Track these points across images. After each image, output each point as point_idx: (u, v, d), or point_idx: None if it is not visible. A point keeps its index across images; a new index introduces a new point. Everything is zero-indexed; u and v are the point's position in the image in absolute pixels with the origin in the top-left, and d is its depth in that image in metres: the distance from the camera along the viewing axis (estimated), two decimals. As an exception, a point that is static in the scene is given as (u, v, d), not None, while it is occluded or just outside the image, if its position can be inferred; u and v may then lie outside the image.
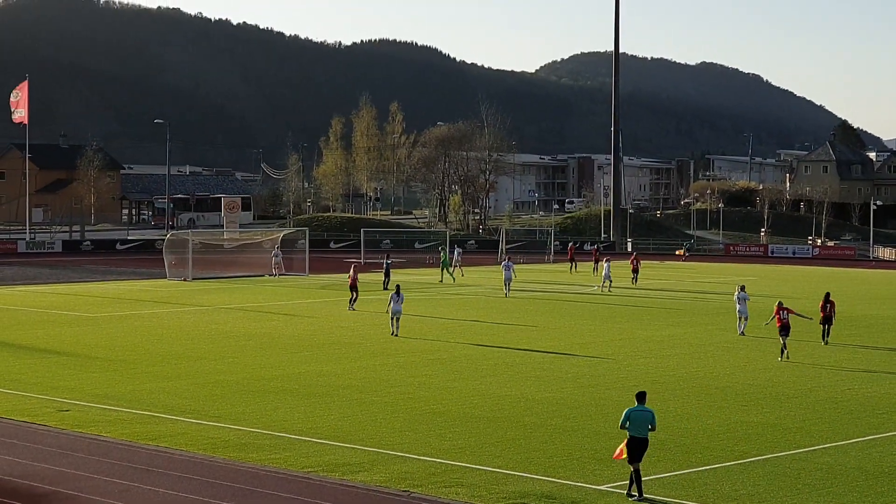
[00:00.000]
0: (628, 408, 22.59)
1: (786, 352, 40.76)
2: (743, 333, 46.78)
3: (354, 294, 57.50)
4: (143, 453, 25.49)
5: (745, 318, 47.20)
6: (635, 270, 75.27)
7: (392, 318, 46.79)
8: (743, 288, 48.22)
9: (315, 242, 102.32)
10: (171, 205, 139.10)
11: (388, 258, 74.24)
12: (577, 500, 21.64)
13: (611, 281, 69.13)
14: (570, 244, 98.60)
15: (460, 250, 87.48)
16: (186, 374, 36.55)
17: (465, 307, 58.90)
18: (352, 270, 59.69)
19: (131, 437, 26.99)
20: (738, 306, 47.24)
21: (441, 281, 75.92)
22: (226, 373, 36.71)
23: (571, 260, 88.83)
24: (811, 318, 44.57)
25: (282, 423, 28.57)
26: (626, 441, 22.15)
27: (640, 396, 22.66)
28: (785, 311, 41.43)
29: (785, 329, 41.00)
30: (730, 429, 28.17)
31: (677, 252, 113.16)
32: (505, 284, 66.01)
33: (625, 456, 22.14)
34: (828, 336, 44.71)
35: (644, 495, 21.83)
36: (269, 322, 51.83)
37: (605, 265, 70.05)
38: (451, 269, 77.99)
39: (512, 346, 43.70)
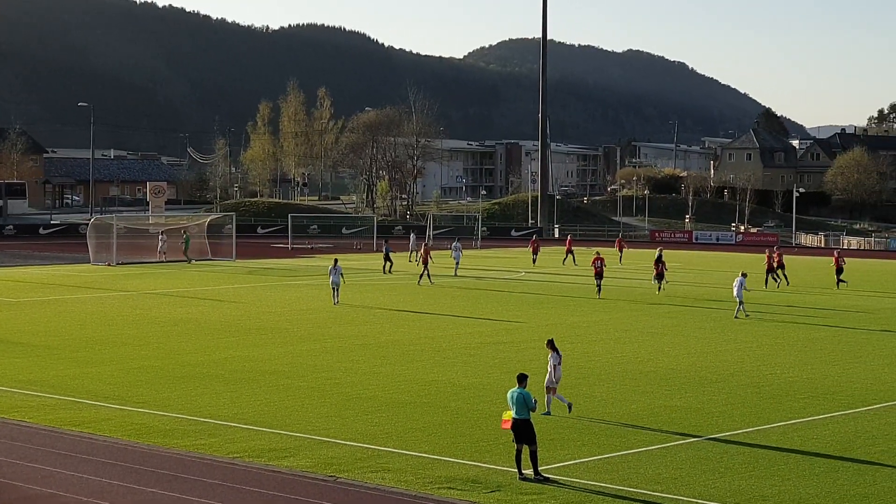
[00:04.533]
0: (510, 390, 22.88)
1: (601, 292, 56.08)
2: (737, 317, 48.38)
3: (425, 269, 62.81)
4: (67, 439, 25.27)
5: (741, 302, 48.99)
6: (535, 252, 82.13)
7: (333, 289, 52.52)
8: (744, 275, 50.27)
9: (242, 227, 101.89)
10: None
11: (386, 243, 74.49)
12: (503, 484, 21.75)
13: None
14: (568, 236, 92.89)
15: (414, 235, 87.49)
16: (110, 359, 36.25)
17: (392, 293, 58.90)
18: (423, 248, 65.00)
19: (55, 423, 26.73)
20: (734, 291, 49.03)
21: (190, 262, 78.99)
22: (150, 358, 36.46)
23: (569, 252, 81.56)
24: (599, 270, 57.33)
25: (207, 409, 28.44)
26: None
27: (519, 378, 22.97)
28: (600, 261, 57.31)
29: (599, 275, 56.68)
30: (653, 413, 28.45)
31: None
32: (456, 266, 70.60)
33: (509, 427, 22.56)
34: (661, 289, 58.58)
35: (542, 475, 22.06)
36: (195, 307, 51.52)
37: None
38: (187, 255, 79.68)
39: (439, 331, 43.78)
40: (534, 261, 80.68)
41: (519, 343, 40.63)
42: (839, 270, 63.68)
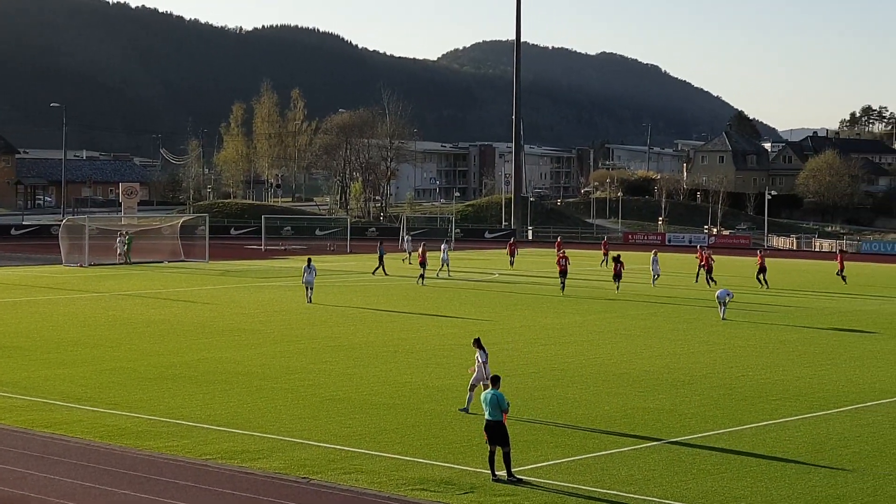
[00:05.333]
0: (483, 391, 22.92)
1: (564, 289, 59.83)
2: (724, 318, 48.82)
3: (423, 270, 65.13)
4: (39, 440, 25.14)
5: (723, 304, 49.42)
6: (512, 254, 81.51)
7: (306, 288, 53.88)
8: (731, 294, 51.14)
9: (215, 229, 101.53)
10: None
11: (381, 245, 74.23)
12: (476, 485, 21.75)
13: (658, 275, 65.64)
14: (558, 238, 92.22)
15: (409, 237, 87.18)
16: (83, 361, 36.10)
17: (366, 295, 58.87)
18: (421, 248, 67.03)
19: (26, 425, 26.59)
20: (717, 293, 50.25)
21: (126, 262, 78.34)
22: (123, 360, 36.32)
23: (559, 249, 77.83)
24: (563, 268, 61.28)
25: (180, 411, 28.35)
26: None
27: (493, 380, 23.03)
28: (565, 259, 61.29)
29: (563, 273, 60.59)
30: (626, 415, 28.51)
31: None
32: (443, 265, 70.85)
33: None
34: (618, 287, 60.88)
35: (515, 476, 22.10)
36: (168, 309, 51.35)
37: (653, 258, 66.34)
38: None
39: (412, 332, 43.77)
40: (511, 263, 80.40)
41: (492, 345, 40.49)
42: (762, 269, 65.59)
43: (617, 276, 61.33)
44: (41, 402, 29.34)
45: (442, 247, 73.79)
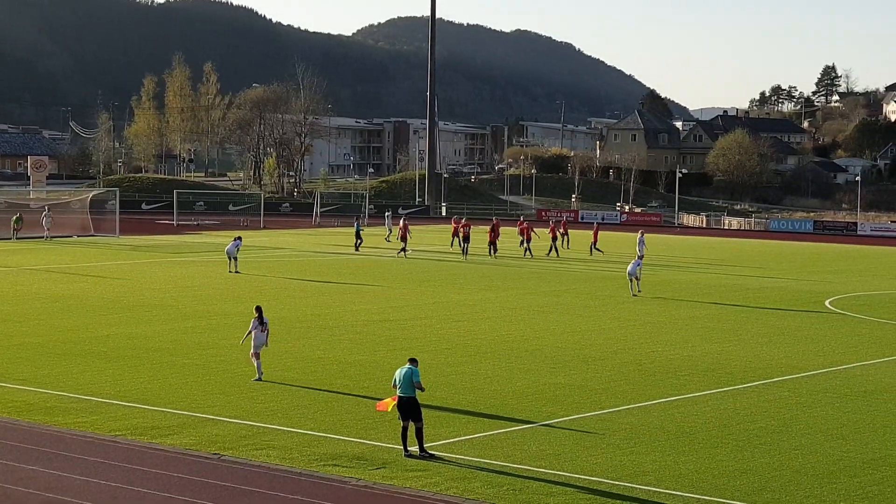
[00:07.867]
0: (399, 368, 23.02)
1: (467, 255, 65.78)
2: (635, 294, 49.45)
3: (404, 244, 67.63)
4: (-56, 417, 24.79)
5: (636, 279, 50.15)
6: (455, 234, 74.77)
7: (229, 259, 56.23)
8: (641, 257, 53.06)
9: (126, 203, 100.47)
10: None
11: (357, 220, 73.45)
12: (388, 461, 21.81)
13: (642, 256, 60.39)
14: (521, 218, 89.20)
15: (389, 213, 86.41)
16: (-10, 336, 35.60)
17: (278, 270, 58.62)
18: (402, 223, 69.72)
19: (-69, 402, 26.20)
20: (629, 268, 50.57)
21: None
22: (31, 335, 35.87)
23: (539, 234, 73.88)
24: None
25: (89, 387, 28.09)
26: (395, 398, 22.66)
27: (411, 360, 23.09)
28: (466, 227, 67.68)
29: (466, 239, 66.89)
30: (538, 390, 28.73)
31: None
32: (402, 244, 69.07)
33: (390, 409, 22.79)
34: (494, 254, 67.87)
35: (428, 451, 22.21)
36: (77, 284, 50.76)
37: (639, 238, 63.51)
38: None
39: (326, 308, 43.66)
40: (452, 243, 74.03)
41: (405, 321, 40.71)
42: (554, 238, 70.87)
43: (491, 243, 68.31)
44: (-53, 378, 28.93)
45: (402, 222, 71.91)
